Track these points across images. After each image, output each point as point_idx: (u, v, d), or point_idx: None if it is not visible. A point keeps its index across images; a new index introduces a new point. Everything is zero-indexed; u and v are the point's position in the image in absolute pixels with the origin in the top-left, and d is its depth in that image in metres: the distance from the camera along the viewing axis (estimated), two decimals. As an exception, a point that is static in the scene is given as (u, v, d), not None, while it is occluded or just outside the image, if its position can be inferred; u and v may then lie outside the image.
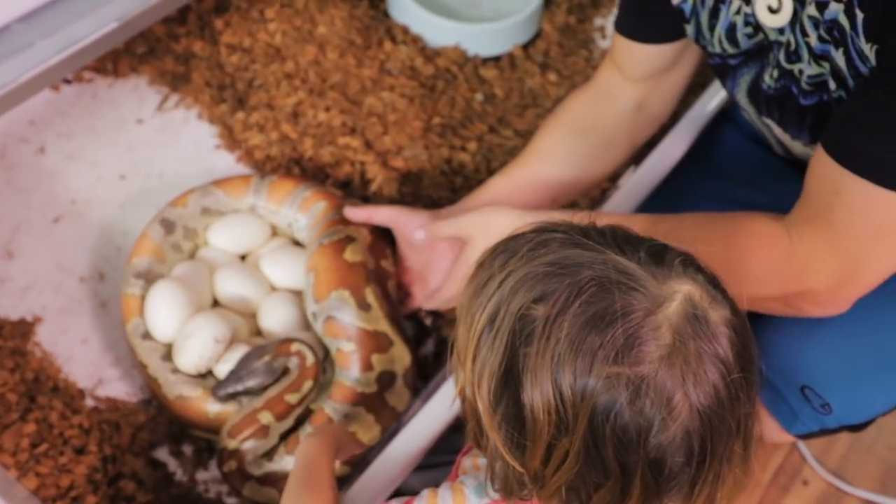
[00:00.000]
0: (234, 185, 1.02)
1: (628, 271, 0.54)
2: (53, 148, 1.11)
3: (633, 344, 0.52)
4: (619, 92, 0.94)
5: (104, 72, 1.17)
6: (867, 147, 0.65)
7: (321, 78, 1.15)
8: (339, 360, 0.89)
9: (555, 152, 0.94)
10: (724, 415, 0.53)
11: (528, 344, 0.53)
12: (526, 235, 0.58)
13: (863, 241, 0.69)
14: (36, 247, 1.03)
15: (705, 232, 0.76)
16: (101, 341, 0.97)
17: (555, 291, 0.53)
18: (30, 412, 0.87)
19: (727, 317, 0.55)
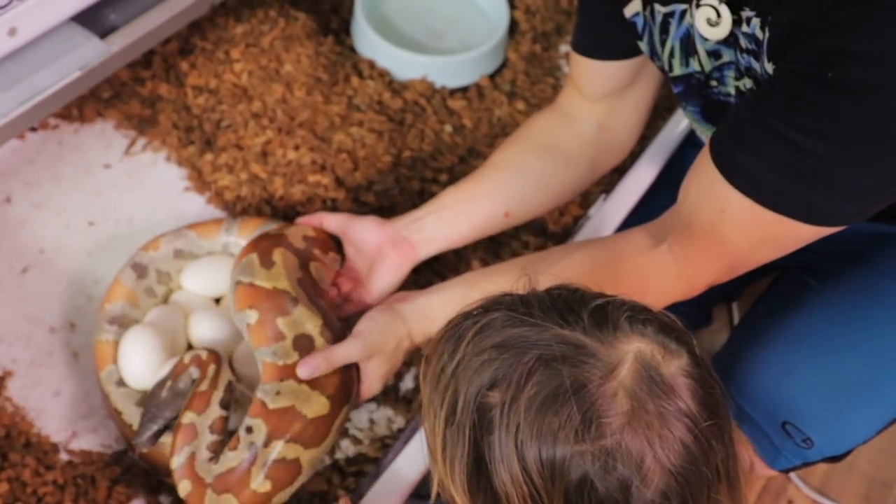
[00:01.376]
0: (207, 227, 1.01)
1: (574, 342, 0.53)
2: (19, 197, 1.10)
3: (592, 418, 0.51)
4: (580, 112, 0.94)
5: (70, 118, 1.16)
6: (756, 168, 0.68)
7: (289, 116, 1.15)
8: (252, 337, 0.85)
9: (510, 164, 0.93)
10: (699, 468, 0.53)
11: (490, 433, 0.53)
12: (471, 316, 0.58)
13: (746, 251, 0.72)
14: (4, 298, 1.01)
15: (584, 270, 0.77)
16: (73, 393, 0.96)
17: (505, 376, 0.53)
18: (2, 471, 0.85)
19: (684, 366, 0.54)
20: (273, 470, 0.80)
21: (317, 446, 0.81)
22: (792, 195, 0.67)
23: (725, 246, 0.72)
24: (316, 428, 0.81)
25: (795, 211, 0.68)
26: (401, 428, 0.96)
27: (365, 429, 0.96)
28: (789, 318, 0.84)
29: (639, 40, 0.83)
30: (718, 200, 0.70)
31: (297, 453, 0.80)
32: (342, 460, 0.94)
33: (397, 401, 0.98)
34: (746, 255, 0.73)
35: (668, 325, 0.56)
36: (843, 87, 0.62)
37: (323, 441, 0.82)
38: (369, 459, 0.93)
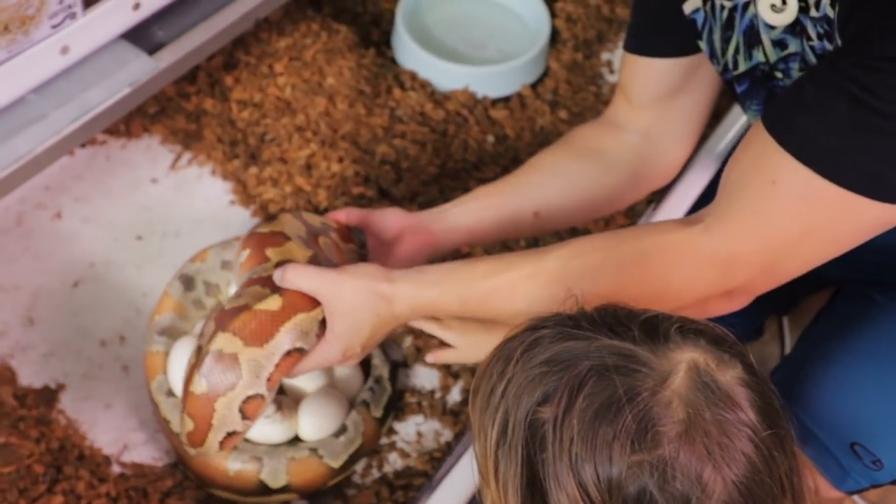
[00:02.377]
0: None
1: (625, 353, 0.52)
2: (69, 212, 1.12)
3: (647, 427, 0.50)
4: (626, 121, 0.91)
5: (117, 133, 1.18)
6: (818, 134, 0.61)
7: (332, 129, 1.15)
8: (241, 271, 0.82)
9: (546, 165, 0.90)
10: (763, 479, 0.51)
11: (544, 449, 0.52)
12: (518, 337, 0.57)
13: (794, 239, 0.65)
14: (56, 312, 1.03)
15: (612, 257, 0.70)
16: (124, 405, 0.97)
17: (556, 390, 0.52)
18: (57, 483, 0.86)
19: (740, 375, 0.53)
20: (208, 367, 0.74)
21: (257, 345, 0.73)
22: (857, 163, 0.60)
23: (772, 229, 0.64)
24: (260, 323, 0.74)
25: (860, 182, 0.60)
26: (448, 441, 0.95)
27: (412, 442, 0.96)
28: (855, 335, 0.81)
29: (698, 39, 0.80)
30: (770, 171, 0.63)
31: (235, 348, 0.73)
32: (390, 474, 0.93)
33: (444, 413, 0.98)
34: (793, 245, 0.65)
35: (720, 336, 0.55)
36: None
37: (265, 342, 0.73)
38: (418, 473, 0.93)
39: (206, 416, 0.76)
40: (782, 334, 1.22)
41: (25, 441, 0.88)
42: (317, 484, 0.88)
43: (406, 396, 0.98)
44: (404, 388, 0.99)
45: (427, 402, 0.98)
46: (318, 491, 0.89)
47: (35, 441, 0.89)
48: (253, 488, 0.86)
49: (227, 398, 0.75)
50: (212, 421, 0.76)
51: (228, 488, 0.86)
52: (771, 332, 1.20)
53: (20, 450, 0.87)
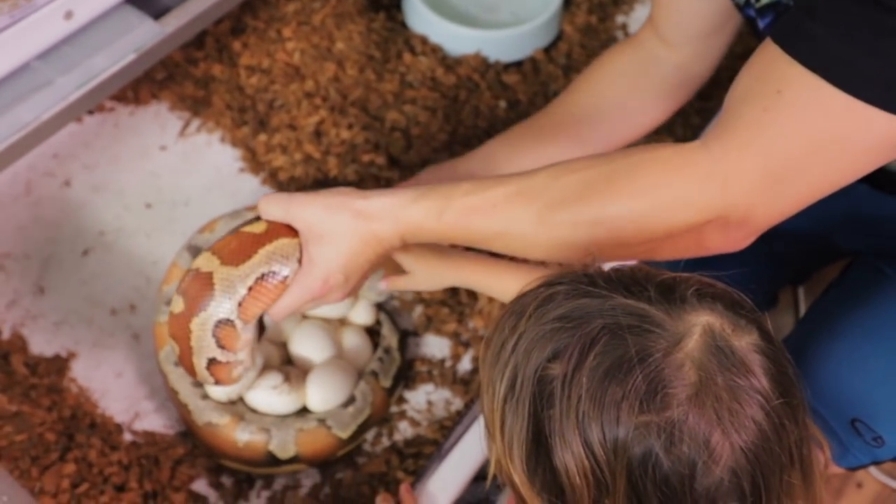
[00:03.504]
0: None
1: (640, 313, 0.51)
2: (79, 180, 1.11)
3: (657, 388, 0.49)
4: (659, 55, 0.91)
5: (125, 100, 1.17)
6: (826, 40, 0.57)
7: (342, 95, 1.14)
8: None
9: (592, 100, 0.91)
10: (772, 447, 0.50)
11: (551, 406, 0.51)
12: (532, 292, 0.56)
13: (798, 156, 0.59)
14: (66, 281, 1.03)
15: (600, 173, 0.65)
16: (135, 374, 0.97)
17: (567, 347, 0.51)
18: (69, 451, 0.86)
19: (755, 342, 0.51)
20: (185, 285, 0.73)
21: (233, 265, 0.71)
22: (870, 69, 0.55)
23: (774, 143, 0.59)
24: (241, 244, 0.72)
25: (872, 90, 0.55)
26: (458, 410, 0.95)
27: (423, 410, 0.95)
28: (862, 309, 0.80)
29: None
30: (776, 81, 0.58)
31: (211, 266, 0.72)
32: (400, 442, 0.93)
33: (455, 382, 0.97)
34: (796, 164, 0.59)
35: (737, 301, 0.53)
36: None
37: (241, 262, 0.71)
38: (428, 441, 0.93)
39: (184, 337, 0.74)
40: (797, 304, 1.21)
41: (37, 409, 0.89)
42: (325, 454, 0.88)
43: (416, 365, 0.98)
44: (414, 358, 0.98)
45: (437, 370, 0.98)
46: (327, 461, 0.89)
47: (47, 409, 0.89)
48: (262, 459, 0.86)
49: (200, 318, 0.73)
50: (190, 343, 0.74)
51: (238, 459, 0.86)
52: (786, 302, 1.19)
53: (32, 418, 0.87)
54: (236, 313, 0.73)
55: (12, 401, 0.88)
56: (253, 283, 0.72)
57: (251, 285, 0.72)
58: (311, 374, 0.89)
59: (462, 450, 0.83)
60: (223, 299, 0.72)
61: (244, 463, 0.87)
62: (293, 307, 0.73)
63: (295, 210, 0.70)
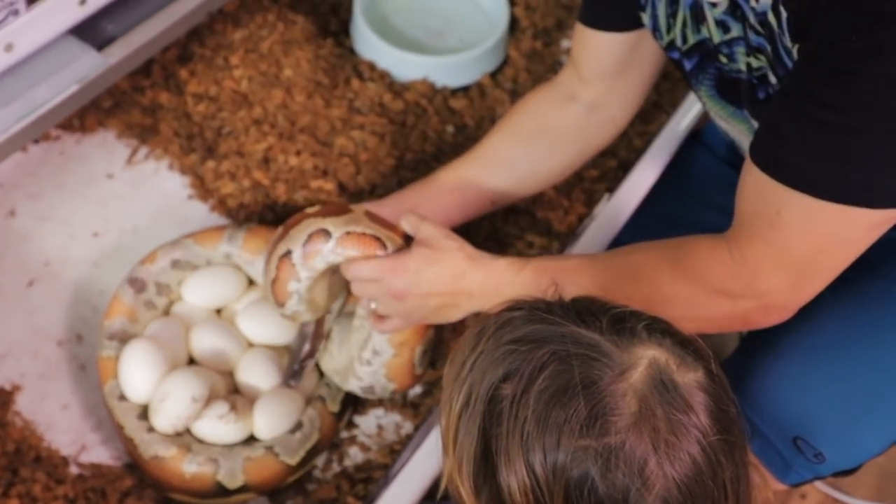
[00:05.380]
0: (207, 234, 1.01)
1: (589, 342, 0.53)
2: (23, 209, 1.10)
3: (598, 415, 0.51)
4: (575, 92, 0.94)
5: (71, 128, 1.16)
6: (804, 162, 0.65)
7: (290, 121, 1.14)
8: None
9: (499, 155, 0.95)
10: (705, 481, 0.52)
11: (500, 424, 0.53)
12: (494, 315, 0.58)
13: (807, 256, 0.69)
14: (10, 312, 1.02)
15: (650, 255, 0.77)
16: (81, 405, 0.96)
17: (518, 369, 0.53)
18: (12, 486, 0.85)
19: (699, 379, 0.54)
20: (306, 245, 0.83)
21: (336, 215, 0.83)
22: (848, 180, 0.63)
23: (787, 249, 0.69)
24: (340, 207, 0.84)
25: (855, 196, 0.63)
26: (409, 433, 0.95)
27: (373, 435, 0.96)
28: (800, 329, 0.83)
29: (641, 11, 0.82)
30: (772, 202, 0.67)
31: (323, 224, 0.83)
32: (351, 467, 0.94)
33: (405, 406, 0.98)
34: (814, 258, 0.69)
35: (686, 339, 0.56)
36: (870, 51, 0.59)
37: (340, 214, 0.83)
38: (378, 466, 0.93)
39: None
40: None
41: (-20, 444, 0.87)
42: (274, 482, 0.88)
43: (366, 390, 0.98)
44: (365, 382, 0.99)
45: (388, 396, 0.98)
46: (277, 489, 0.89)
47: (-10, 444, 0.88)
48: (210, 490, 0.86)
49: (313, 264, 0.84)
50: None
51: (186, 491, 0.86)
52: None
53: (-26, 454, 0.86)
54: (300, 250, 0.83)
55: (-47, 437, 0.87)
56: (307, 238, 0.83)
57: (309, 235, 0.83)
58: (258, 402, 0.89)
59: (409, 472, 0.84)
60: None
61: (193, 495, 0.86)
62: (367, 271, 0.81)
63: (423, 224, 0.81)
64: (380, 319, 0.84)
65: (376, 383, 0.90)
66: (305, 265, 0.83)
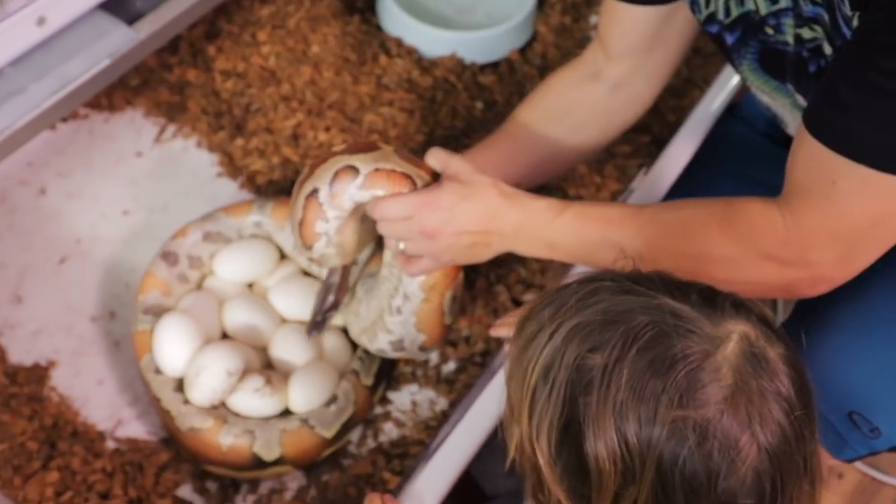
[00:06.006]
0: (238, 207, 1.01)
1: (682, 314, 0.53)
2: (54, 188, 1.10)
3: (696, 386, 0.51)
4: (600, 70, 0.92)
5: (99, 107, 1.16)
6: (863, 132, 0.64)
7: (318, 98, 1.14)
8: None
9: (521, 138, 0.93)
10: (792, 454, 0.53)
11: (588, 393, 0.52)
12: (573, 286, 0.58)
13: (860, 229, 0.68)
14: (44, 289, 1.02)
15: (699, 211, 0.75)
16: (117, 381, 0.96)
17: (610, 339, 0.53)
18: (51, 459, 0.86)
19: (784, 353, 0.54)
20: (333, 182, 0.80)
21: (365, 152, 0.80)
22: None
23: (842, 221, 0.67)
24: (368, 145, 0.81)
25: None
26: (444, 410, 0.95)
27: (407, 411, 0.96)
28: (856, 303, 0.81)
29: None
30: (827, 172, 0.66)
31: (350, 161, 0.79)
32: (386, 443, 0.93)
33: (439, 382, 0.97)
34: (867, 233, 0.68)
35: (766, 317, 0.56)
36: None
37: (369, 151, 0.80)
38: (414, 441, 0.93)
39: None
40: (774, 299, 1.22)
41: (18, 419, 0.88)
42: (311, 455, 0.88)
43: (400, 366, 0.98)
44: (398, 359, 0.98)
45: (421, 371, 0.98)
46: (313, 462, 0.89)
47: (27, 419, 0.89)
48: (247, 462, 0.85)
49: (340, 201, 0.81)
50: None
51: (223, 464, 0.86)
52: (763, 295, 1.20)
53: (13, 427, 0.86)
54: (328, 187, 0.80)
55: (-8, 411, 0.87)
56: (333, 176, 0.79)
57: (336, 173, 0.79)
58: (293, 376, 0.89)
59: (448, 450, 0.83)
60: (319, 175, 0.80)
61: (230, 467, 0.86)
62: (397, 209, 0.77)
63: (452, 160, 0.78)
64: (408, 261, 0.80)
65: (406, 335, 0.88)
66: (333, 204, 0.80)
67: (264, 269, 0.99)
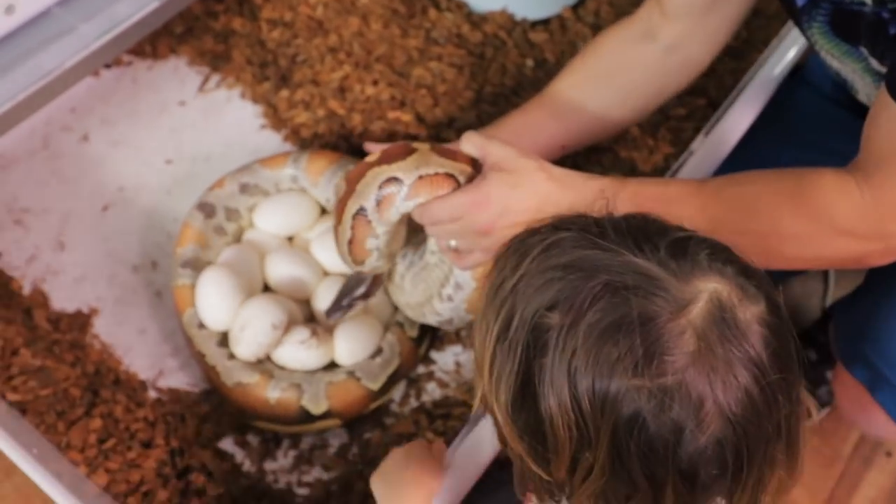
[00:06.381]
0: (274, 159, 0.99)
1: (647, 273, 0.49)
2: (97, 135, 1.09)
3: (655, 353, 0.48)
4: (656, 30, 0.88)
5: (143, 54, 1.14)
6: None
7: (366, 50, 1.11)
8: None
9: (569, 99, 0.90)
10: (761, 421, 0.49)
11: (544, 355, 0.50)
12: (539, 233, 0.54)
13: None
14: (86, 237, 1.01)
15: (769, 187, 0.71)
16: (158, 331, 0.95)
17: (568, 298, 0.50)
18: (94, 407, 0.85)
19: (760, 314, 0.50)
20: (379, 197, 0.76)
21: (402, 158, 0.76)
22: None
23: None
24: (403, 148, 0.78)
25: None
26: (488, 371, 0.93)
27: (451, 371, 0.94)
28: None
29: None
30: None
31: (391, 172, 0.76)
32: (429, 403, 0.92)
33: (483, 343, 0.96)
34: None
35: (749, 268, 0.52)
36: None
37: (406, 156, 0.76)
38: (457, 402, 0.91)
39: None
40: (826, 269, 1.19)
41: (61, 365, 0.87)
42: (357, 407, 0.86)
43: (443, 326, 0.96)
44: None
45: (465, 331, 0.96)
46: (359, 416, 0.88)
47: (70, 365, 0.88)
48: (295, 416, 0.84)
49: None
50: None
51: (270, 418, 0.85)
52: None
53: (56, 373, 0.86)
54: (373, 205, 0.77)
55: (36, 355, 0.86)
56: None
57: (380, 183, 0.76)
58: (338, 328, 0.87)
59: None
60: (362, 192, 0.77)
61: (277, 421, 0.85)
62: (447, 212, 0.74)
63: (490, 145, 0.74)
64: (460, 256, 0.79)
65: (455, 316, 0.87)
66: (381, 220, 0.77)
67: (305, 223, 0.98)
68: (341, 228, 0.80)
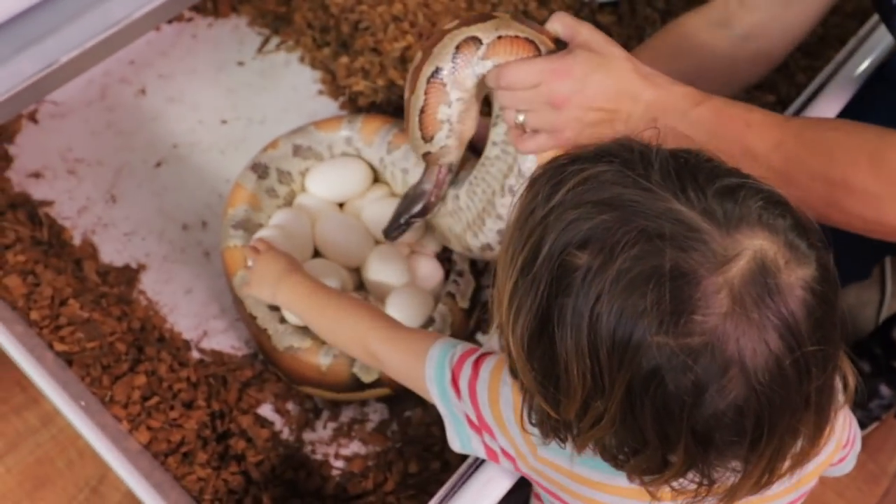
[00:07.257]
0: (328, 121, 0.97)
1: (688, 223, 0.46)
2: (154, 90, 1.08)
3: (683, 311, 0.44)
4: (732, 17, 0.85)
5: (204, 11, 1.12)
6: None
7: (430, 21, 1.08)
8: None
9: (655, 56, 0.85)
10: (789, 392, 0.46)
11: (567, 295, 0.47)
12: (578, 161, 0.50)
13: None
14: (138, 191, 1.00)
15: (852, 138, 0.67)
16: (205, 292, 0.95)
17: (599, 239, 0.46)
18: (139, 363, 0.85)
19: (806, 278, 0.46)
20: (456, 57, 0.74)
21: (482, 21, 0.74)
22: None
23: None
24: (483, 15, 0.76)
25: None
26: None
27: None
28: None
29: None
30: None
31: (470, 32, 0.73)
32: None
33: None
34: None
35: (804, 225, 0.48)
36: None
37: (486, 20, 0.74)
38: (501, 387, 0.90)
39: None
40: (883, 277, 1.16)
41: (108, 318, 0.87)
42: (406, 380, 0.85)
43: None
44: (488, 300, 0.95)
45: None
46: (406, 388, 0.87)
47: (117, 319, 0.88)
48: (345, 383, 0.83)
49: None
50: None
51: (321, 385, 0.84)
52: (874, 276, 1.14)
53: (103, 326, 0.85)
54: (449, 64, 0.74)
55: (84, 307, 0.86)
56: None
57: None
58: (390, 297, 0.86)
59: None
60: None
61: (327, 388, 0.84)
62: (525, 75, 0.70)
63: (582, 26, 0.71)
64: (523, 137, 0.73)
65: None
66: (457, 83, 0.74)
67: (357, 189, 0.96)
68: (414, 97, 0.77)
